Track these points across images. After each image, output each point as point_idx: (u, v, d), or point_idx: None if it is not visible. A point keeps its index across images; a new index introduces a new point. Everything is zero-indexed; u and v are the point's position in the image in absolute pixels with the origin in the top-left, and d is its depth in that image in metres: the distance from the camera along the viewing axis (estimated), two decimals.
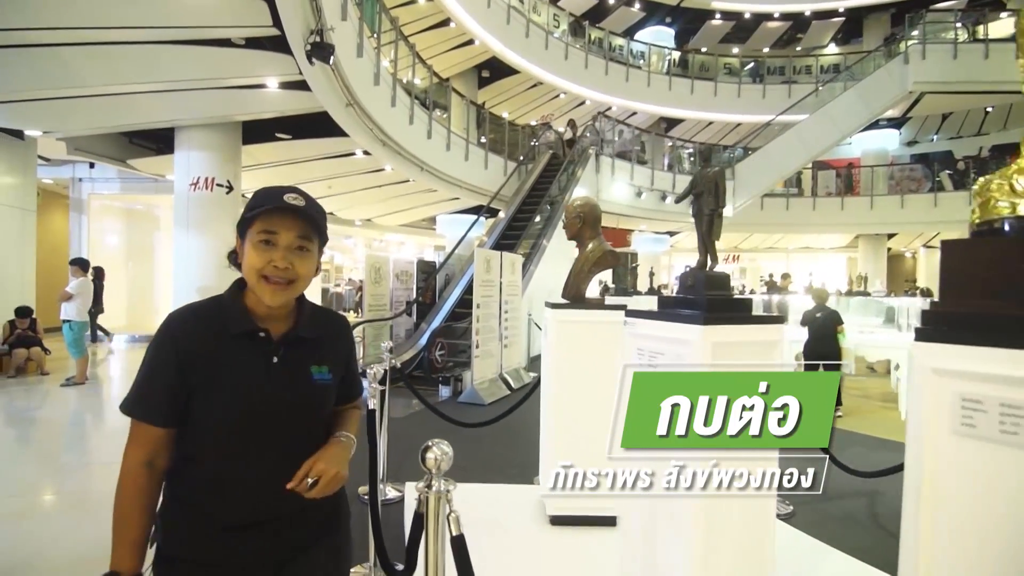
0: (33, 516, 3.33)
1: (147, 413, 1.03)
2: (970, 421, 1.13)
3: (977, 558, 1.14)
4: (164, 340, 1.05)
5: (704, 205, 1.92)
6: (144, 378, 1.06)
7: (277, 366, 1.07)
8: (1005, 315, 1.09)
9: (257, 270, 1.05)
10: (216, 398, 1.03)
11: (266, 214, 1.05)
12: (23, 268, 8.35)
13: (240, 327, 1.07)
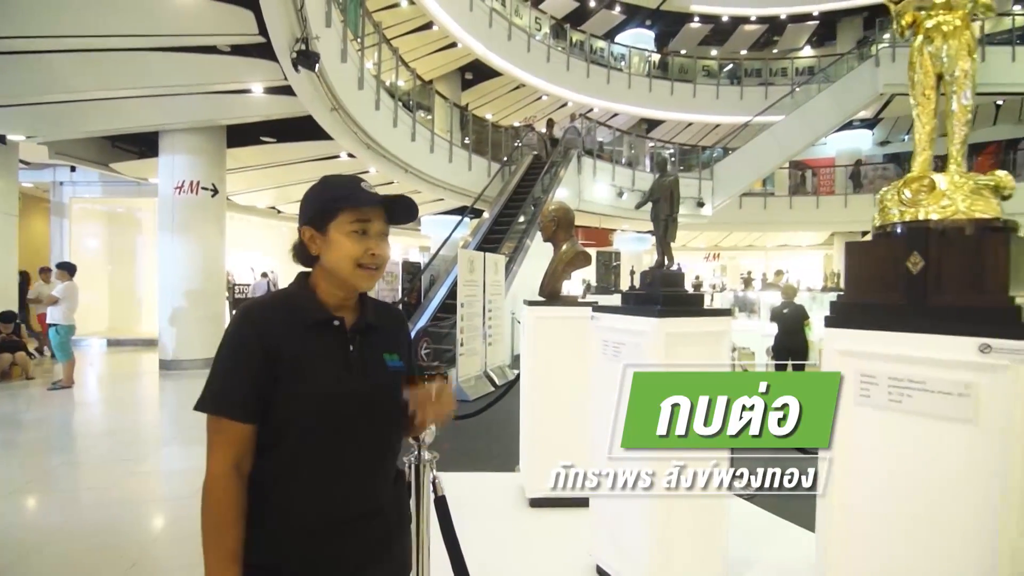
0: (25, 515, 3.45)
1: (234, 409, 0.99)
2: (866, 393, 1.35)
3: (878, 503, 1.37)
4: (245, 331, 1.03)
5: (660, 211, 2.14)
6: (226, 372, 1.02)
7: (354, 354, 1.07)
8: (891, 304, 1.32)
9: (355, 258, 1.05)
10: (300, 388, 1.01)
11: (356, 203, 1.06)
12: (5, 273, 8.34)
13: (317, 315, 1.06)
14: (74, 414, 6.11)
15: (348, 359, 1.06)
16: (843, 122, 17.87)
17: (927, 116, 1.41)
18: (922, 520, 1.29)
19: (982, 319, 1.18)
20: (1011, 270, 1.20)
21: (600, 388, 2.29)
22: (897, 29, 1.46)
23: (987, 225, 1.26)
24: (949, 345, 1.22)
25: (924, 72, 1.39)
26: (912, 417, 1.28)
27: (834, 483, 1.43)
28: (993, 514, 1.18)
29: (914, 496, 1.30)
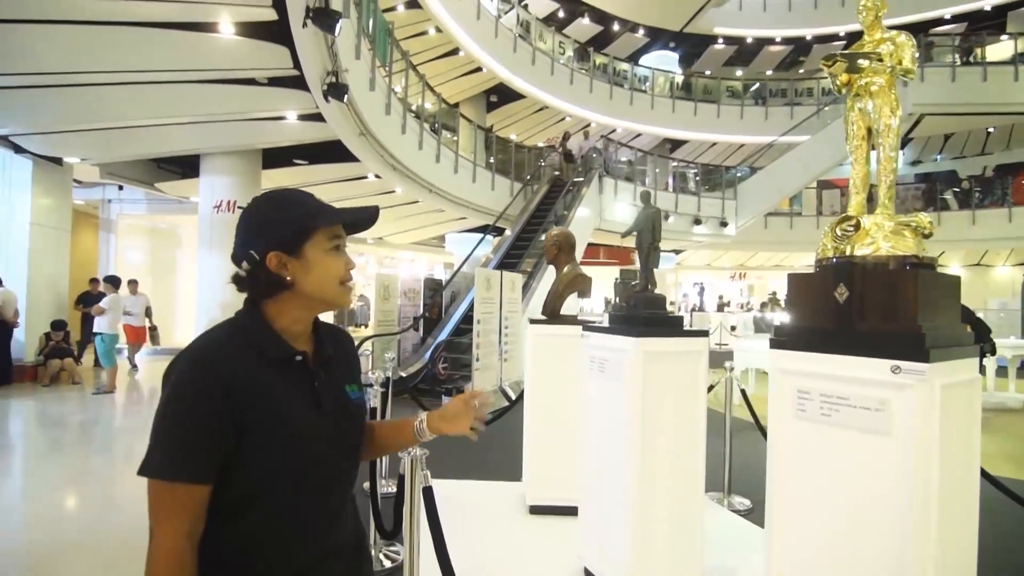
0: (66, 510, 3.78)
1: (194, 471, 0.87)
2: (803, 407, 1.53)
3: (815, 506, 1.54)
4: (202, 378, 0.90)
5: (643, 240, 2.34)
6: (181, 430, 0.88)
7: (319, 390, 1.00)
8: (823, 329, 1.50)
9: (338, 276, 1.01)
10: (270, 435, 0.91)
11: (333, 219, 1.01)
12: (57, 284, 8.95)
13: (278, 351, 0.97)
14: (115, 417, 6.53)
15: (316, 398, 0.99)
16: None
17: (860, 163, 1.60)
18: (852, 522, 1.45)
19: (894, 344, 1.35)
20: (922, 301, 1.37)
21: (589, 401, 2.49)
22: (835, 87, 1.66)
23: (904, 262, 1.44)
24: (868, 366, 1.39)
25: (856, 125, 1.58)
26: (839, 429, 1.45)
27: (776, 488, 1.60)
28: (907, 518, 1.34)
29: (844, 500, 1.46)
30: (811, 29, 20.18)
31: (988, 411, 7.57)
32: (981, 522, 1.49)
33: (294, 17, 4.63)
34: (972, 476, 1.49)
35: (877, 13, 1.59)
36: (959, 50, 16.94)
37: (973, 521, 1.50)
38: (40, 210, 8.51)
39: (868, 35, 1.60)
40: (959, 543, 1.45)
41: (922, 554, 1.32)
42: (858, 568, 1.43)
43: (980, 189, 18.22)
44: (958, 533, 1.44)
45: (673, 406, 2.23)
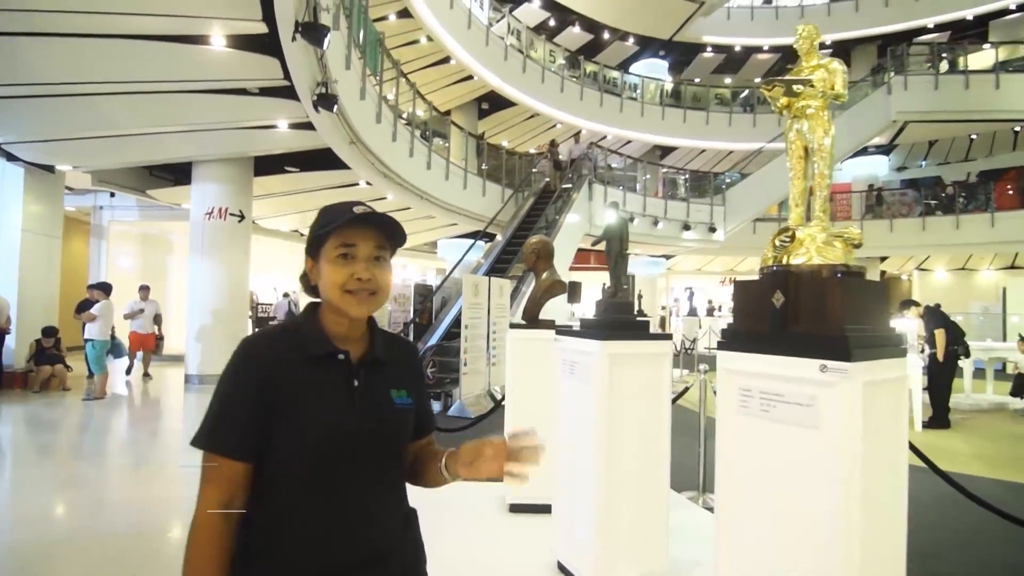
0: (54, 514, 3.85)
1: (227, 446, 0.96)
2: (745, 404, 1.66)
3: (757, 496, 1.66)
4: (243, 364, 1.00)
5: (612, 248, 2.48)
6: (220, 407, 0.99)
7: (359, 389, 1.03)
8: (762, 332, 1.64)
9: (340, 285, 1.02)
10: (300, 424, 0.97)
11: (341, 227, 1.02)
12: (48, 291, 8.99)
13: (319, 348, 1.02)
14: (105, 423, 6.58)
15: (352, 394, 1.02)
16: (856, 148, 18.02)
17: (798, 179, 1.74)
18: (789, 509, 1.58)
19: (822, 345, 1.49)
20: (848, 306, 1.51)
21: (561, 402, 2.61)
22: (775, 109, 1.80)
23: (834, 270, 1.58)
24: (800, 365, 1.52)
25: (794, 145, 1.72)
26: (777, 424, 1.59)
27: (724, 478, 1.73)
28: (834, 506, 1.47)
29: (782, 489, 1.59)
30: None
31: (964, 412, 7.76)
32: (938, 518, 1.62)
33: (283, 31, 4.75)
34: (900, 467, 1.62)
35: (812, 42, 1.74)
36: (942, 59, 17.31)
37: (901, 509, 1.64)
38: (31, 217, 8.56)
39: (805, 61, 1.75)
40: (887, 530, 1.59)
41: (848, 539, 1.45)
42: (795, 551, 1.56)
43: (964, 195, 18.55)
44: (886, 520, 1.57)
45: (638, 405, 2.35)
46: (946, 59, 17.38)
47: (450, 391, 7.05)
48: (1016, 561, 3.13)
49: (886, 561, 1.60)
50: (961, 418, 7.27)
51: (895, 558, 1.63)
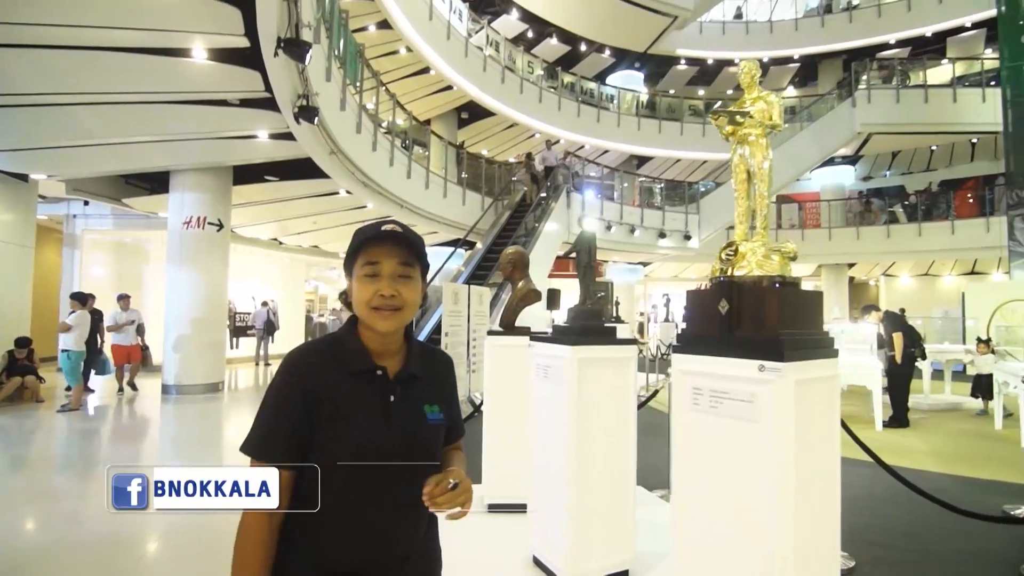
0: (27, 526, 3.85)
1: (274, 454, 1.03)
2: (696, 401, 1.84)
3: (707, 482, 1.84)
4: (289, 378, 1.06)
5: (580, 260, 2.66)
6: (269, 417, 1.06)
7: (395, 405, 1.08)
8: (710, 336, 1.82)
9: (366, 302, 1.07)
10: (338, 437, 1.03)
11: (367, 246, 1.09)
12: (21, 301, 8.84)
13: (360, 365, 1.08)
14: (79, 435, 6.52)
15: (388, 410, 1.08)
16: (823, 159, 18.68)
17: (742, 199, 1.93)
18: (735, 496, 1.76)
19: (760, 347, 1.68)
20: (783, 313, 1.70)
21: (535, 404, 2.77)
22: (723, 135, 2.00)
23: (772, 281, 1.77)
24: (742, 366, 1.71)
25: (738, 168, 1.92)
26: (724, 419, 1.77)
27: (679, 469, 1.91)
28: (772, 492, 1.65)
29: (729, 477, 1.77)
30: (767, 51, 21.20)
31: (923, 412, 8.13)
32: (891, 509, 1.79)
33: (266, 46, 4.86)
34: (833, 458, 1.81)
35: (753, 77, 1.94)
36: (903, 73, 18.10)
37: (835, 496, 1.83)
38: (3, 226, 8.44)
39: (747, 94, 1.95)
40: (822, 515, 1.77)
41: (784, 522, 1.63)
42: (741, 533, 1.74)
43: (926, 204, 19.33)
44: (820, 506, 1.76)
45: (607, 406, 2.53)
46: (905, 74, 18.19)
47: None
48: (957, 548, 3.37)
49: (822, 543, 1.79)
50: (920, 417, 7.63)
51: (830, 541, 1.82)
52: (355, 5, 11.46)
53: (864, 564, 3.07)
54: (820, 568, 1.75)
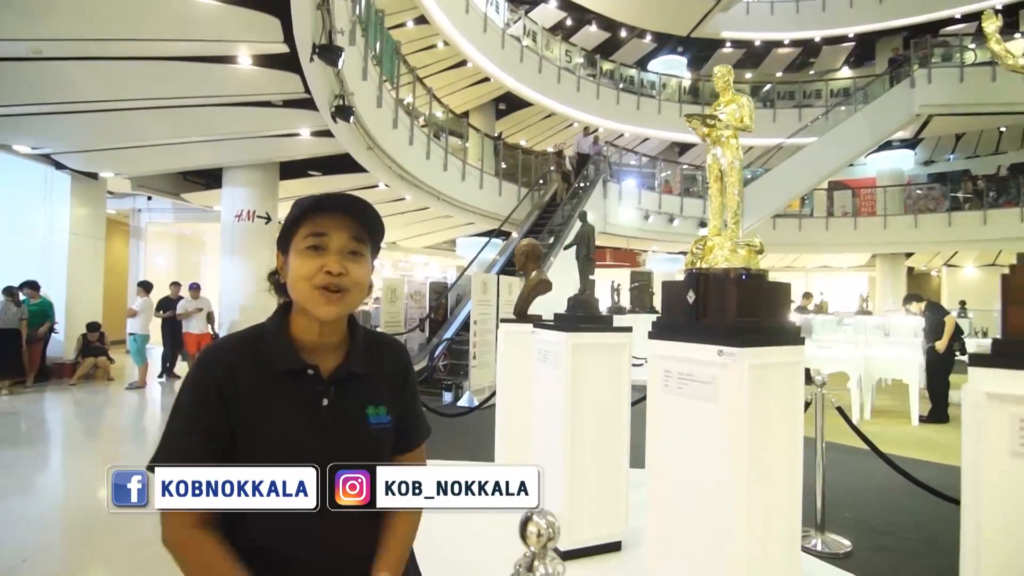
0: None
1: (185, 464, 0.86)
2: (667, 383, 2.00)
3: (676, 455, 2.00)
4: (202, 378, 0.91)
5: (579, 252, 2.82)
6: (179, 425, 0.90)
7: (328, 410, 0.93)
8: (680, 323, 1.97)
9: (307, 279, 0.91)
10: (258, 449, 0.88)
11: (311, 214, 0.92)
12: (93, 288, 9.71)
13: (285, 363, 0.92)
14: (146, 409, 7.20)
15: (319, 416, 0.92)
16: (877, 144, 17.76)
17: (716, 197, 2.05)
18: (699, 467, 1.91)
19: (722, 334, 1.81)
20: (743, 302, 1.83)
21: (536, 386, 2.97)
22: (700, 136, 2.11)
23: (739, 273, 1.89)
24: (705, 350, 1.85)
25: (712, 167, 2.03)
26: (690, 399, 1.92)
27: (652, 444, 2.07)
28: (728, 465, 1.80)
29: (694, 451, 1.92)
30: (819, 31, 20.31)
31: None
32: (900, 501, 1.84)
33: (302, 52, 5.20)
34: (794, 439, 1.93)
35: (727, 81, 2.05)
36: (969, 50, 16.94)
37: (796, 475, 1.95)
38: (78, 221, 9.26)
39: (722, 97, 2.06)
40: (778, 491, 1.90)
41: (737, 496, 1.78)
42: (702, 506, 1.89)
43: (995, 189, 18.11)
44: (776, 482, 1.89)
45: (600, 388, 2.70)
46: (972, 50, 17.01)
47: (461, 383, 7.46)
48: None
49: (779, 518, 1.91)
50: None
51: (789, 517, 1.95)
52: (393, 2, 11.79)
53: (863, 550, 3.12)
54: (777, 542, 1.89)
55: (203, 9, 4.79)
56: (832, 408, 3.16)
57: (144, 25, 4.94)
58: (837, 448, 4.88)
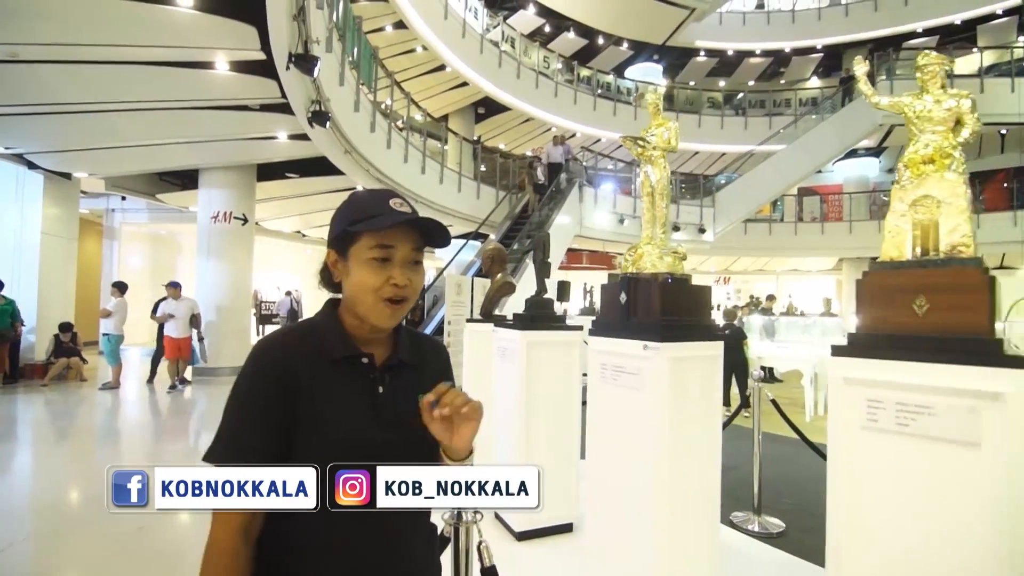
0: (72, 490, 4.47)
1: (247, 458, 0.87)
2: (603, 375, 2.24)
3: (609, 441, 2.24)
4: (261, 370, 0.92)
5: (536, 256, 3.06)
6: (238, 419, 0.91)
7: (384, 396, 0.97)
8: (614, 321, 2.22)
9: (375, 291, 0.94)
10: (321, 435, 0.90)
11: (377, 227, 0.93)
12: (65, 289, 9.66)
13: (343, 351, 0.96)
14: (119, 410, 7.23)
15: (376, 402, 0.96)
16: (843, 152, 18.44)
17: (648, 209, 2.30)
18: (626, 450, 2.15)
19: (647, 330, 2.06)
20: (666, 303, 2.08)
21: (496, 381, 3.20)
22: (633, 155, 2.36)
23: (665, 277, 2.15)
24: (633, 346, 2.10)
25: (644, 184, 2.29)
26: (620, 389, 2.16)
27: (591, 431, 2.31)
28: (650, 449, 2.05)
29: (622, 437, 2.17)
30: (789, 42, 20.98)
31: None
32: (815, 485, 2.02)
33: (279, 61, 5.36)
34: (713, 423, 2.19)
35: (657, 106, 2.31)
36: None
37: (715, 459, 2.20)
38: (50, 220, 9.21)
39: (653, 121, 2.32)
40: (698, 470, 2.15)
41: (659, 475, 2.03)
42: (632, 481, 2.14)
43: None
44: (696, 463, 2.14)
45: (552, 382, 2.94)
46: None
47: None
48: None
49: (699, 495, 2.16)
50: None
51: (709, 494, 2.20)
52: (372, 7, 11.95)
53: (795, 531, 3.42)
54: (697, 517, 2.14)
55: (181, 17, 4.92)
56: (767, 401, 3.44)
57: (122, 31, 5.05)
58: (782, 440, 5.23)
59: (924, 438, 1.35)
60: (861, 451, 1.46)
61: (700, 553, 2.12)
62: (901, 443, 1.38)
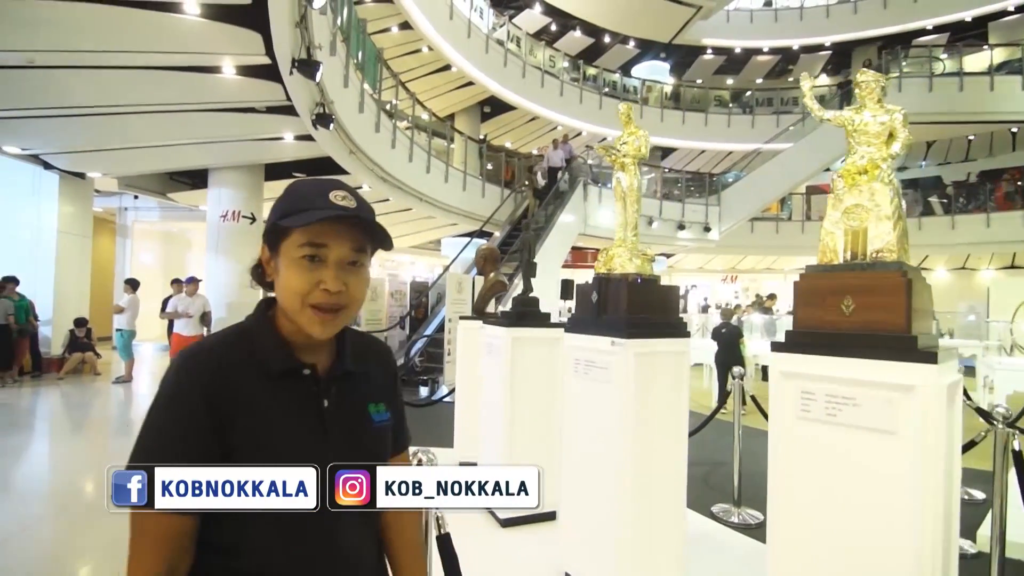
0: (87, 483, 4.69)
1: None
2: (577, 369, 2.39)
3: (580, 429, 2.38)
4: (184, 388, 0.80)
5: (522, 257, 3.20)
6: (157, 444, 0.79)
7: (330, 411, 0.87)
8: (587, 318, 2.36)
9: (302, 295, 0.82)
10: (261, 459, 0.79)
11: (305, 221, 0.81)
12: (80, 285, 9.94)
13: (280, 363, 0.85)
14: (132, 403, 7.48)
15: (323, 418, 0.86)
16: None
17: (620, 213, 2.44)
18: (598, 438, 2.29)
19: (615, 327, 2.20)
20: (634, 301, 2.22)
21: (484, 376, 3.35)
22: (610, 162, 2.49)
23: (635, 277, 2.28)
24: (603, 341, 2.24)
25: (616, 189, 2.42)
26: (592, 382, 2.30)
27: (566, 422, 2.46)
28: (618, 436, 2.18)
29: (594, 425, 2.31)
30: (797, 39, 20.88)
31: None
32: None
33: (283, 66, 5.54)
34: (679, 415, 2.33)
35: (629, 115, 2.44)
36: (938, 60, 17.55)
37: (681, 447, 2.34)
38: (65, 219, 9.48)
39: (625, 130, 2.45)
40: (664, 459, 2.29)
41: (625, 463, 2.17)
42: (602, 469, 2.28)
43: (964, 195, 18.76)
44: (662, 452, 2.28)
45: (536, 377, 3.09)
46: (942, 61, 17.63)
47: (436, 378, 7.83)
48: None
49: (665, 482, 2.30)
50: None
51: (675, 482, 2.34)
52: (377, 9, 12.11)
53: None
54: (663, 501, 2.28)
55: (190, 24, 5.11)
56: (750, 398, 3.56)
57: (134, 38, 5.25)
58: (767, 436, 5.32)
59: (850, 427, 1.48)
60: (795, 439, 1.59)
61: (667, 536, 2.25)
62: (830, 431, 1.52)
